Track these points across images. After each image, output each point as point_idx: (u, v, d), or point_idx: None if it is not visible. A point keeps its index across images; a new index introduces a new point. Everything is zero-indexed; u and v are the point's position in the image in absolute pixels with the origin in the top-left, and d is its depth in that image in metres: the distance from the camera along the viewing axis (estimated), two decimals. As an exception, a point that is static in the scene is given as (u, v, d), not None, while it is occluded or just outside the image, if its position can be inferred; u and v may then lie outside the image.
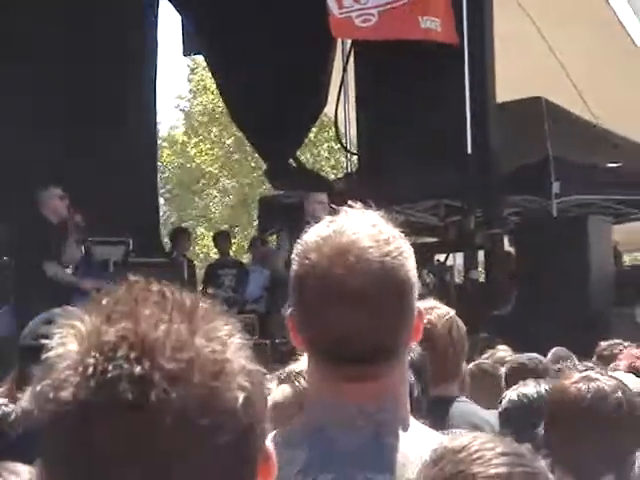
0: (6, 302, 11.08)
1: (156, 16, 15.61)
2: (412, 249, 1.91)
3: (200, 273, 14.88)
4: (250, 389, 1.11)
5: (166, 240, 15.06)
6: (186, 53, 16.25)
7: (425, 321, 3.28)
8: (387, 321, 1.85)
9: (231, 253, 15.82)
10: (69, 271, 10.16)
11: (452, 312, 3.46)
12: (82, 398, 1.07)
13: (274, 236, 16.72)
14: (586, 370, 3.06)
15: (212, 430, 1.08)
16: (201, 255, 28.31)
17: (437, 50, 11.04)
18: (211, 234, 29.59)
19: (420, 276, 1.99)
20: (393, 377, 1.89)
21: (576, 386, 2.79)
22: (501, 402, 3.67)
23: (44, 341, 1.14)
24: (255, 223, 20.59)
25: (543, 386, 3.58)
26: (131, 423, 1.06)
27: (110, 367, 1.07)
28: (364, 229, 1.87)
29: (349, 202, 1.92)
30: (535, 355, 4.95)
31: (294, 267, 1.89)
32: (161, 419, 1.06)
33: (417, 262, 1.91)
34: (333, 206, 1.96)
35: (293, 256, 1.90)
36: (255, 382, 1.13)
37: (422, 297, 1.99)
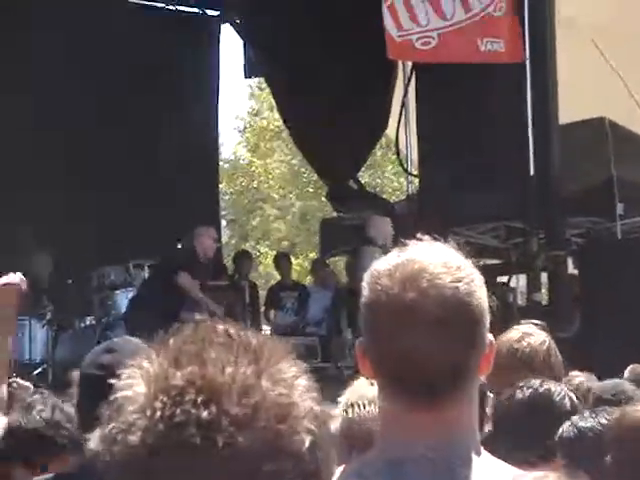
0: (70, 327, 11.21)
1: (218, 39, 15.78)
2: (483, 278, 1.90)
3: (263, 294, 14.93)
4: (317, 433, 1.11)
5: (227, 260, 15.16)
6: (248, 75, 16.35)
7: (525, 344, 3.27)
8: (459, 347, 1.84)
9: (292, 274, 15.81)
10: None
11: (549, 337, 3.43)
12: (150, 442, 1.07)
13: (335, 258, 16.74)
14: None
15: (278, 474, 1.07)
16: (263, 274, 28.42)
17: (500, 70, 11.00)
18: (274, 253, 29.80)
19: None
20: (463, 406, 1.87)
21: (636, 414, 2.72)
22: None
23: (104, 372, 1.14)
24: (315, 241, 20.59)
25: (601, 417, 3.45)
26: (198, 468, 1.06)
27: (178, 411, 1.07)
28: (435, 256, 1.88)
29: (412, 226, 1.92)
30: (618, 382, 4.82)
31: (365, 294, 1.89)
32: (228, 464, 1.06)
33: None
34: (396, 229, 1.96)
35: (363, 284, 1.90)
36: (322, 425, 1.13)
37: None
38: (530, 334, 3.36)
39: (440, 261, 1.87)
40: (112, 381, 1.13)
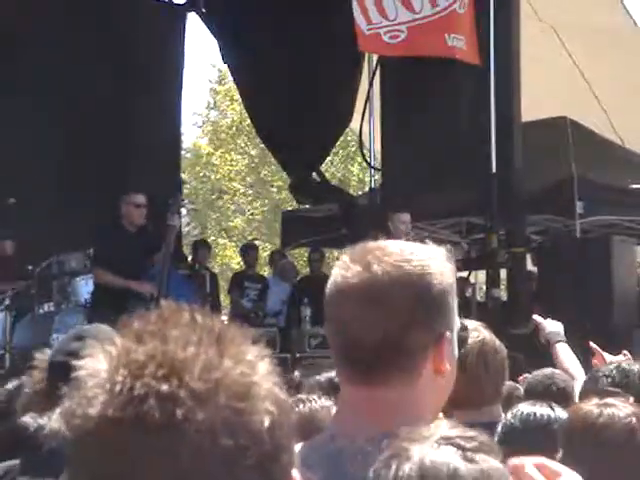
0: (29, 312, 11.14)
1: (184, 28, 15.72)
2: (449, 270, 1.87)
3: (222, 285, 14.90)
4: (277, 414, 1.12)
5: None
6: (225, 61, 16.14)
7: None
8: (392, 322, 1.80)
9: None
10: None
11: (486, 333, 3.37)
12: (109, 414, 1.08)
13: (295, 250, 16.74)
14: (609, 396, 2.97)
15: (236, 452, 1.08)
16: (220, 266, 28.34)
17: (463, 68, 11.05)
18: (230, 244, 29.73)
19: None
20: (405, 388, 1.83)
21: (589, 410, 2.75)
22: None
23: (74, 359, 1.16)
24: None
25: (548, 409, 3.43)
26: (156, 440, 1.07)
27: (138, 384, 1.08)
28: (402, 243, 1.89)
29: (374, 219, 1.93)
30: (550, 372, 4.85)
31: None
32: (186, 438, 1.07)
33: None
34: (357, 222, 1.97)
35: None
36: (282, 409, 1.13)
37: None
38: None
39: (403, 245, 1.87)
40: (74, 359, 1.13)
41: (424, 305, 1.83)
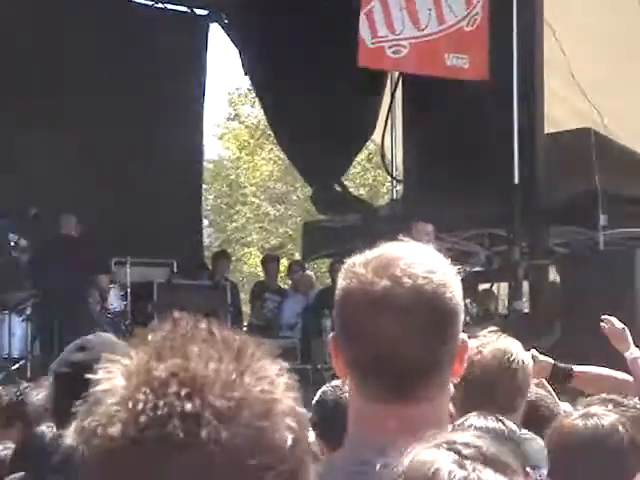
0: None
1: (207, 38, 15.79)
2: (459, 277, 1.86)
3: (244, 296, 14.94)
4: (298, 431, 1.09)
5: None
6: (246, 72, 16.17)
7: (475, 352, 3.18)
8: (429, 338, 1.77)
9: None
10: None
11: (512, 346, 3.30)
12: (132, 434, 1.05)
13: (315, 261, 16.71)
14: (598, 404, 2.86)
15: (260, 470, 1.06)
16: (247, 273, 28.38)
17: (486, 80, 11.02)
18: (255, 252, 29.72)
19: (464, 305, 1.94)
20: (436, 405, 1.81)
21: (572, 423, 2.69)
22: None
23: (78, 370, 1.12)
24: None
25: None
26: (181, 461, 1.04)
27: (161, 403, 1.05)
28: (411, 250, 1.85)
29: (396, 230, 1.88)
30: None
31: (339, 283, 1.84)
32: (211, 457, 1.04)
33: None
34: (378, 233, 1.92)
35: (339, 274, 1.85)
36: (301, 424, 1.11)
37: (465, 326, 1.89)
38: (487, 344, 3.26)
39: (415, 253, 1.83)
40: (88, 376, 1.09)
41: (453, 319, 1.81)
